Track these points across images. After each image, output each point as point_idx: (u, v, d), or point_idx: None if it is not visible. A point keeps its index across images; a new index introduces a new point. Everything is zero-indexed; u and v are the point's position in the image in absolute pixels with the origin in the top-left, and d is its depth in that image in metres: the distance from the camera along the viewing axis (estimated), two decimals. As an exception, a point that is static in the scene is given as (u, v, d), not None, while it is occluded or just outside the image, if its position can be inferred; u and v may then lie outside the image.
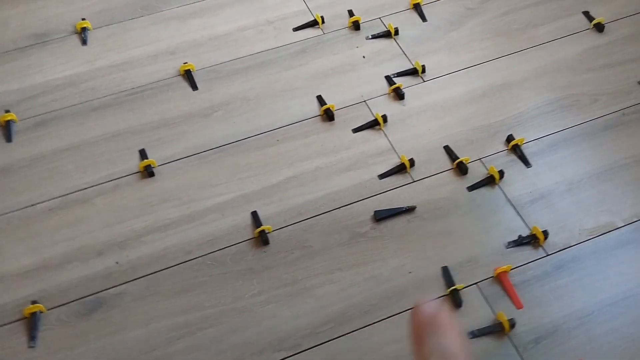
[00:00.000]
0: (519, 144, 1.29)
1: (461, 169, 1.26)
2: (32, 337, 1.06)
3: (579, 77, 1.42)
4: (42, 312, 1.09)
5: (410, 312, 0.36)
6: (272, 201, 1.24)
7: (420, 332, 0.36)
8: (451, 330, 0.35)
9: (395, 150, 1.31)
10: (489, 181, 1.24)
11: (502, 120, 1.35)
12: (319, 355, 1.04)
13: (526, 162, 1.27)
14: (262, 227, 1.18)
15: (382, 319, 1.07)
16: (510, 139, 1.30)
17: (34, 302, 1.09)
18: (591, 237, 1.16)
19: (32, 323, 1.08)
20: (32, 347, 1.05)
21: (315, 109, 1.39)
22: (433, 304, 0.36)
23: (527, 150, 1.30)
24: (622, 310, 1.06)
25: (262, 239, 1.17)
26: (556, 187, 1.24)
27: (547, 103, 1.38)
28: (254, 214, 1.21)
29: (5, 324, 1.09)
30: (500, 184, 1.24)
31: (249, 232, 1.19)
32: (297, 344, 1.05)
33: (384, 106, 1.39)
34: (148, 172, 1.28)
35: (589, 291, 1.09)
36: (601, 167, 1.26)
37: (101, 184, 1.27)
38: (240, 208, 1.23)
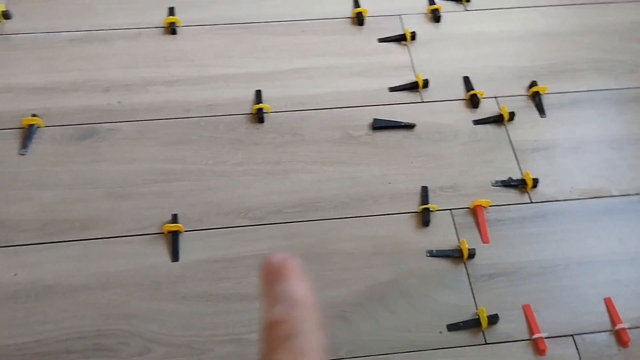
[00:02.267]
0: (540, 92, 1.25)
1: (473, 102, 1.24)
2: (24, 145, 1.12)
3: (624, 45, 1.35)
4: (39, 126, 1.14)
5: (260, 264, 0.37)
6: (278, 85, 1.25)
7: (268, 281, 0.37)
8: (297, 277, 0.36)
9: (413, 68, 1.29)
10: (497, 119, 1.22)
11: (531, 66, 1.31)
12: (280, 231, 1.07)
13: (541, 111, 1.24)
14: (261, 104, 1.19)
15: (348, 217, 1.09)
16: (532, 85, 1.26)
17: (34, 115, 1.15)
18: (581, 197, 1.13)
19: (27, 133, 1.13)
20: (22, 154, 1.12)
21: (348, 10, 1.37)
22: (282, 255, 0.37)
23: (546, 100, 1.26)
24: (587, 271, 1.05)
25: (258, 116, 1.19)
26: (563, 142, 1.20)
27: (584, 61, 1.32)
28: (258, 92, 1.23)
29: (3, 129, 1.15)
30: (507, 124, 1.22)
31: (247, 108, 1.21)
32: (262, 216, 1.08)
33: (417, 24, 1.36)
34: (171, 29, 1.30)
35: (561, 246, 1.07)
36: (614, 136, 1.22)
37: (125, 29, 1.30)
38: (246, 84, 1.24)
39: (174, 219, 1.06)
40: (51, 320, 0.96)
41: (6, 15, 1.28)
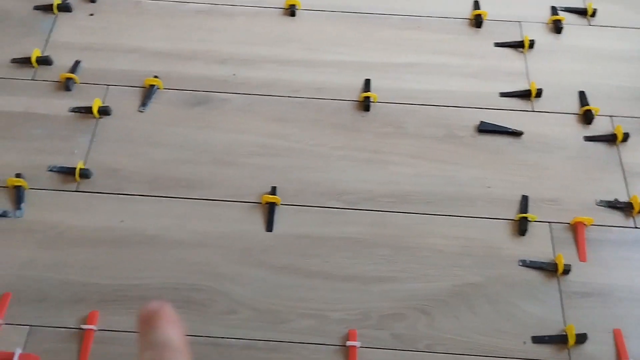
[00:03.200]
0: (660, 116, 1.20)
1: (586, 117, 1.20)
2: (144, 103, 1.20)
3: None
4: (159, 87, 1.21)
5: (138, 313, 0.38)
6: (388, 77, 1.26)
7: (143, 327, 0.38)
8: (170, 323, 0.37)
9: (527, 76, 1.26)
10: (610, 139, 1.18)
11: (653, 88, 1.25)
12: (370, 218, 1.08)
13: (658, 137, 1.18)
14: (368, 93, 1.21)
15: (441, 214, 1.09)
16: (653, 108, 1.21)
17: (155, 77, 1.22)
18: (691, 230, 1.07)
19: (148, 93, 1.21)
20: (141, 111, 1.19)
21: (467, 11, 1.36)
22: (157, 303, 0.38)
23: (666, 126, 1.20)
24: (687, 307, 0.99)
25: (364, 104, 1.21)
26: (679, 171, 1.14)
27: None
28: (367, 81, 1.24)
29: (127, 86, 1.22)
30: (620, 145, 1.17)
31: (355, 95, 1.23)
32: (355, 201, 1.10)
33: (536, 33, 1.33)
34: (290, 11, 1.34)
35: (661, 276, 1.02)
36: None
37: (247, 6, 1.35)
38: (357, 72, 1.26)
39: (273, 190, 1.09)
40: (149, 268, 1.01)
41: (142, -18, 1.37)
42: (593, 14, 1.36)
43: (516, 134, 1.18)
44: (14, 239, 1.03)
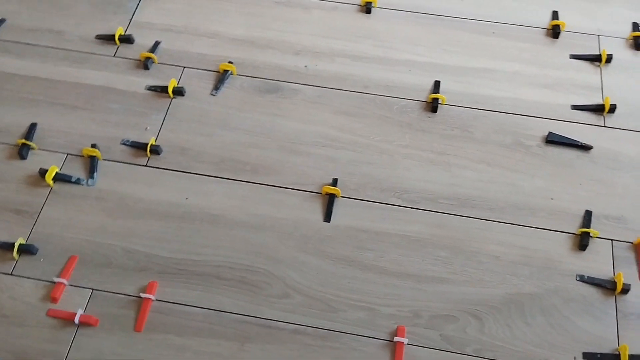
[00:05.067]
0: None
1: (661, 138, 1.17)
2: (216, 87, 1.23)
3: None
4: (232, 73, 1.25)
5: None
6: (459, 81, 1.25)
7: None
8: None
9: (602, 91, 1.24)
10: (686, 162, 1.14)
11: None
12: (430, 218, 1.08)
13: None
14: (437, 95, 1.21)
15: (501, 222, 1.08)
16: None
17: (230, 62, 1.26)
18: None
19: (221, 77, 1.24)
20: (213, 95, 1.22)
21: (545, 21, 1.35)
22: None
23: None
24: None
25: (432, 106, 1.21)
26: None
27: None
28: (436, 83, 1.24)
29: (202, 69, 1.26)
30: (695, 169, 1.13)
31: (424, 95, 1.23)
32: (416, 200, 1.10)
33: (615, 48, 1.30)
34: (366, 8, 1.35)
35: None
36: None
37: (325, 0, 1.38)
38: (428, 73, 1.26)
39: (334, 182, 1.11)
40: (210, 245, 1.05)
41: (225, -30, 1.41)
42: (678, 33, 1.31)
43: (585, 147, 1.16)
44: (85, 205, 1.09)
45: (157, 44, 1.29)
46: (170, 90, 1.20)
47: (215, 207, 1.09)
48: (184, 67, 1.26)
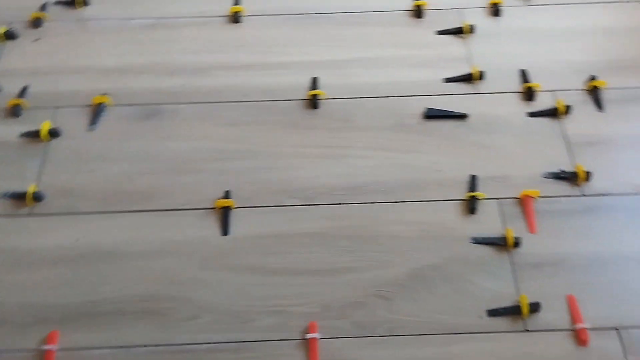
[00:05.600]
0: (599, 86, 1.23)
1: (528, 94, 1.23)
2: (93, 122, 1.21)
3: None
4: (108, 104, 1.22)
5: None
6: (336, 74, 1.28)
7: None
8: None
9: (470, 61, 1.29)
10: (552, 113, 1.21)
11: (591, 61, 1.29)
12: (328, 212, 1.10)
13: (599, 106, 1.22)
14: (316, 91, 1.23)
15: (396, 202, 1.11)
16: (591, 79, 1.24)
17: (104, 94, 1.23)
18: (636, 193, 1.10)
19: (96, 111, 1.22)
20: (91, 130, 1.20)
21: (407, 3, 1.39)
22: None
23: (606, 96, 1.23)
24: (636, 267, 1.02)
25: (313, 102, 1.23)
26: (620, 138, 1.18)
27: (650, 58, 1.29)
28: (314, 79, 1.27)
29: (75, 106, 1.23)
30: (563, 118, 1.20)
31: (304, 94, 1.25)
32: (312, 197, 1.12)
33: (476, 18, 1.37)
34: (235, 18, 1.36)
35: (612, 240, 1.05)
36: (678, 132, 1.18)
37: (192, 17, 1.37)
38: (305, 71, 1.28)
39: (226, 195, 1.11)
40: (109, 282, 1.02)
41: (85, 2, 1.38)
42: (529, -5, 1.39)
43: (462, 116, 1.21)
44: (-26, 267, 1.04)
45: (25, 88, 1.25)
46: (44, 133, 1.17)
47: (108, 243, 1.06)
48: (57, 107, 1.23)
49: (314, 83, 1.26)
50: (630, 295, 0.99)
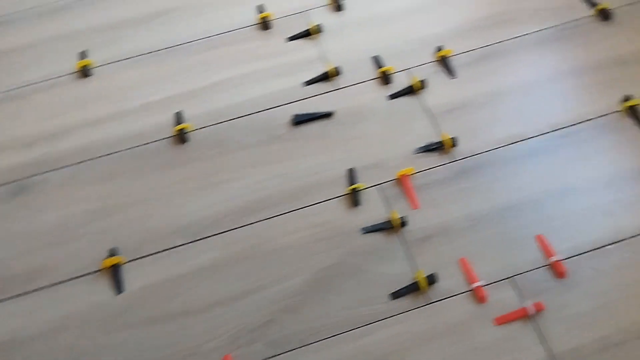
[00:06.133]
0: (446, 55, 1.29)
1: (385, 79, 1.27)
2: (-42, 214, 1.15)
3: (523, -8, 1.39)
4: (-30, 193, 1.17)
5: None
6: (198, 103, 1.28)
7: None
8: None
9: (325, 59, 1.32)
10: (410, 90, 1.25)
11: (436, 32, 1.35)
12: (219, 241, 1.09)
13: (451, 73, 1.27)
14: (182, 125, 1.22)
15: (281, 214, 1.12)
16: (438, 50, 1.30)
17: (-38, 184, 1.18)
18: (499, 146, 1.17)
19: (-40, 202, 1.16)
20: (-42, 223, 1.14)
21: (253, 17, 1.41)
22: None
23: (455, 62, 1.29)
24: (516, 214, 1.08)
25: (181, 137, 1.22)
26: (475, 98, 1.24)
27: (486, 17, 1.36)
28: (178, 114, 1.26)
29: (-64, 202, 1.17)
30: (420, 93, 1.25)
31: (171, 130, 1.24)
32: (198, 231, 1.11)
33: (322, 16, 1.40)
34: (84, 72, 1.33)
35: (486, 196, 1.11)
36: (522, 82, 1.25)
37: (40, 82, 1.33)
38: (166, 108, 1.27)
39: (111, 252, 1.08)
40: (11, 374, 0.98)
41: None
42: (366, -17, 1.44)
43: (327, 115, 1.24)
44: None
45: None
46: None
47: (4, 334, 1.02)
48: None
49: (178, 117, 1.25)
50: (513, 243, 1.05)
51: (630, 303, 0.97)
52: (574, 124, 1.18)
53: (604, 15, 1.32)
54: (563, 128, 1.18)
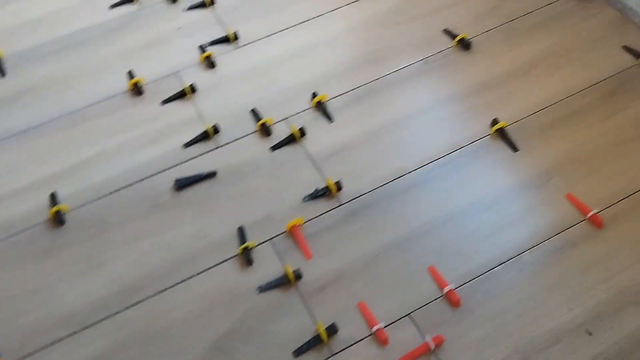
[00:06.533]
0: (322, 100, 1.31)
1: (265, 130, 1.27)
2: None
3: (388, 31, 1.44)
4: None
5: None
6: (73, 181, 1.22)
7: None
8: None
9: (202, 119, 1.30)
10: (291, 140, 1.25)
11: (310, 79, 1.36)
12: (108, 326, 1.03)
13: (329, 118, 1.29)
14: (57, 207, 1.16)
15: (172, 286, 1.07)
16: (314, 96, 1.31)
17: None
18: (383, 183, 1.18)
19: None
20: None
21: (124, 84, 1.37)
22: None
23: (331, 105, 1.31)
24: (406, 249, 1.09)
25: (57, 220, 1.15)
26: (356, 139, 1.25)
27: (356, 58, 1.40)
28: (52, 195, 1.19)
29: None
30: (301, 141, 1.25)
31: (45, 214, 1.17)
32: (84, 319, 1.04)
33: (195, 76, 1.38)
34: (-56, 164, 1.24)
35: (376, 235, 1.11)
36: (399, 116, 1.28)
37: None
38: (39, 191, 1.20)
39: (-9, 358, 1.00)
40: None
41: None
42: (236, 37, 1.44)
43: (211, 175, 1.21)
44: None
45: None
46: None
47: None
48: None
49: (53, 199, 1.19)
50: (407, 278, 1.06)
51: (524, 321, 0.99)
52: (450, 152, 1.22)
53: (464, 45, 1.38)
54: (441, 158, 1.21)
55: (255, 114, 1.30)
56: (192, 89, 1.34)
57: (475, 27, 1.42)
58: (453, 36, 1.40)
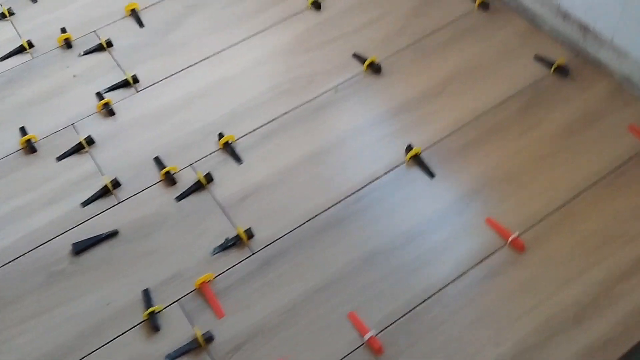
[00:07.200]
0: (230, 141, 1.23)
1: (170, 179, 1.19)
2: None
3: (297, 60, 1.38)
4: None
5: None
6: (-40, 256, 1.11)
7: None
8: None
9: (102, 172, 1.21)
10: (198, 187, 1.18)
11: (216, 119, 1.29)
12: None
13: (237, 159, 1.22)
14: (-60, 288, 1.05)
15: (74, 362, 0.98)
16: (220, 137, 1.24)
17: None
18: (298, 225, 1.11)
19: None
20: None
21: (16, 142, 1.27)
22: None
23: (239, 146, 1.24)
24: (324, 296, 1.02)
25: (-58, 302, 1.04)
26: (267, 179, 1.18)
27: (264, 92, 1.33)
28: None
29: None
30: (209, 187, 1.18)
31: None
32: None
33: (94, 126, 1.29)
34: None
35: (293, 283, 1.04)
36: (311, 151, 1.22)
37: None
38: None
39: None
40: None
41: None
42: (136, 81, 1.36)
43: (112, 235, 1.12)
44: None
45: None
46: None
47: None
48: None
49: (-63, 279, 1.07)
50: (328, 328, 0.99)
51: (450, 363, 0.94)
52: (367, 184, 1.16)
53: (374, 69, 1.33)
54: (356, 192, 1.15)
55: (158, 162, 1.22)
56: (89, 141, 1.25)
57: (385, 49, 1.38)
58: (362, 60, 1.35)
